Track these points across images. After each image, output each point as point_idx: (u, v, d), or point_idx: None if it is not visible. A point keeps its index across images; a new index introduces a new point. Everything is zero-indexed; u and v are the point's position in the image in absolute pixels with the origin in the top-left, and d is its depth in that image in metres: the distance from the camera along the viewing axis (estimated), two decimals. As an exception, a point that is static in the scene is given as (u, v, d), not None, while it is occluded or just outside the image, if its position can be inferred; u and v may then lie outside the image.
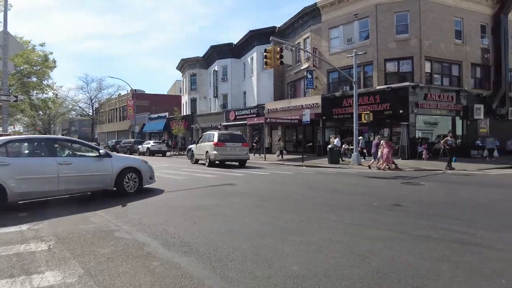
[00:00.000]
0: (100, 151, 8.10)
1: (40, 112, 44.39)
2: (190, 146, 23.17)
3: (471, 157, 20.41)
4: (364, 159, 19.20)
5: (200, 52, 44.03)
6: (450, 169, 14.40)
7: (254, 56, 32.25)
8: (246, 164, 17.57)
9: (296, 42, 27.21)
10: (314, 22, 26.36)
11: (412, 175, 12.68)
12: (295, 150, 27.06)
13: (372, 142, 18.82)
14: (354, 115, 18.59)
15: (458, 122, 22.69)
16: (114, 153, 10.86)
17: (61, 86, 79.80)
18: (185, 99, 43.67)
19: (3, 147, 6.64)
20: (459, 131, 22.09)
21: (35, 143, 7.71)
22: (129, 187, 8.29)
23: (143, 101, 51.58)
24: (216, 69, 36.73)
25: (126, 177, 8.27)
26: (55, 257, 3.88)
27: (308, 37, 27.00)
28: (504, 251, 3.95)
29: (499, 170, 15.12)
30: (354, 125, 18.57)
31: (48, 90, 29.64)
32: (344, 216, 5.77)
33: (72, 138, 11.26)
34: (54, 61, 28.68)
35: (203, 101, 40.35)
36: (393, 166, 14.92)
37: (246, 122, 26.03)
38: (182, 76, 45.56)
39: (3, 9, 13.16)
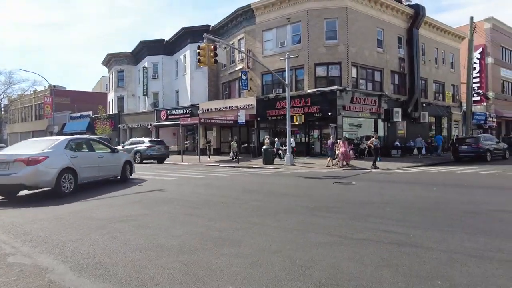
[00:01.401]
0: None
1: None
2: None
3: (392, 156, 22.30)
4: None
5: (129, 48, 41.03)
6: (375, 168, 15.38)
7: (187, 54, 31.18)
8: (179, 167, 16.76)
9: (231, 43, 26.91)
10: (248, 23, 26.36)
11: (342, 175, 13.19)
12: (230, 151, 26.74)
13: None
14: (287, 116, 18.91)
15: (380, 124, 24.59)
16: (119, 149, 13.64)
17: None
18: (111, 96, 40.52)
19: (70, 144, 9.04)
20: (381, 133, 23.92)
21: (82, 141, 10.10)
22: (128, 175, 11.46)
23: (64, 99, 46.70)
24: (146, 65, 34.73)
25: (127, 168, 11.36)
26: None
27: (242, 38, 26.91)
28: (435, 250, 4.04)
29: (415, 168, 16.64)
30: (287, 127, 18.87)
31: None
32: (282, 221, 5.53)
33: (98, 138, 14.76)
34: None
35: (131, 100, 37.84)
36: (346, 163, 16.06)
37: (179, 122, 24.90)
38: (108, 72, 42.23)
39: None
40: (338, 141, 16.83)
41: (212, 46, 15.23)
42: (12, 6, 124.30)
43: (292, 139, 19.85)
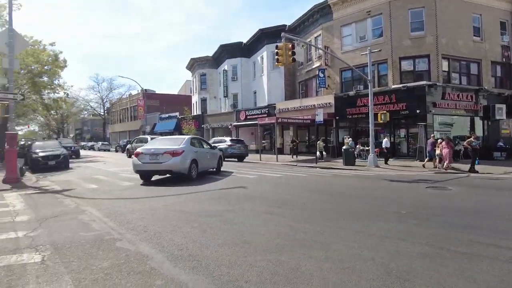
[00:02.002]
0: (212, 145, 14.70)
1: (52, 112, 44.65)
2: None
3: (494, 159, 19.50)
4: (387, 162, 18.02)
5: (209, 52, 43.67)
6: (474, 172, 13.61)
7: (264, 55, 31.72)
8: (258, 166, 17.19)
9: (307, 40, 26.54)
10: (325, 20, 25.68)
11: (434, 179, 11.96)
12: (308, 151, 26.42)
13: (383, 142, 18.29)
14: (369, 115, 17.89)
15: (478, 122, 21.73)
16: (215, 146, 15.96)
17: (71, 86, 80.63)
18: (195, 99, 43.40)
19: (192, 141, 11.80)
20: (479, 132, 21.11)
21: (196, 140, 12.85)
22: (220, 168, 13.96)
23: (154, 101, 51.55)
24: (225, 68, 36.32)
25: (220, 162, 14.04)
26: (47, 272, 3.43)
27: (320, 35, 26.33)
28: None
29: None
30: (370, 125, 17.86)
31: (59, 90, 29.59)
32: (371, 227, 5.18)
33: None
34: (65, 61, 28.60)
35: (213, 101, 40.00)
36: (449, 166, 14.67)
37: (257, 122, 25.50)
38: (192, 76, 45.30)
39: (9, 8, 12.87)
40: (439, 140, 15.61)
41: (290, 45, 15.16)
42: (107, 22, 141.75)
43: (385, 139, 18.64)
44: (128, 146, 28.78)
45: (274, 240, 4.47)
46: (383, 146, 18.39)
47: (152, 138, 26.10)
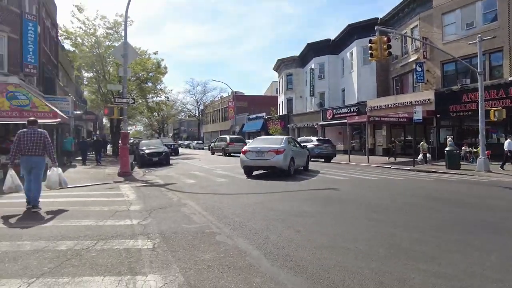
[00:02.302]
0: (302, 144, 15.81)
1: (155, 114, 50.04)
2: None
3: None
4: (503, 167, 15.03)
5: (295, 52, 43.52)
6: None
7: (353, 51, 30.34)
8: (347, 167, 16.52)
9: (402, 32, 24.44)
10: (423, 9, 23.28)
11: None
12: (404, 153, 24.36)
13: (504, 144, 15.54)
14: (479, 112, 15.60)
15: None
16: (305, 145, 16.50)
17: (171, 90, 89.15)
18: (281, 99, 43.91)
19: (289, 141, 13.08)
20: None
21: (291, 139, 13.88)
22: (307, 167, 14.55)
23: (242, 102, 53.81)
24: (312, 67, 35.83)
25: (307, 160, 14.66)
26: (159, 259, 3.75)
27: (416, 26, 24.02)
28: None
29: None
30: (479, 124, 15.58)
31: (161, 94, 33.07)
32: (493, 242, 4.43)
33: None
34: (166, 68, 31.76)
35: (299, 101, 39.90)
36: None
37: (345, 121, 24.49)
38: (278, 77, 45.95)
39: (124, 25, 14.81)
40: None
41: (385, 38, 14.13)
42: (198, 30, 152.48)
43: (509, 140, 15.48)
44: (212, 144, 32.18)
45: (376, 247, 4.15)
46: (506, 149, 15.24)
47: (231, 138, 28.41)
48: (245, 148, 12.50)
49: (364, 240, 4.45)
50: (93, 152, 22.03)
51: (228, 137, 30.03)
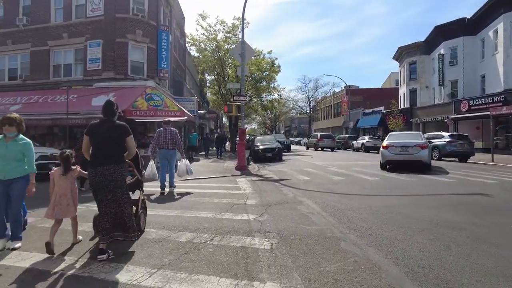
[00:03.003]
0: (429, 140, 15.16)
1: (268, 112, 51.66)
2: None
3: None
4: None
5: (415, 39, 37.86)
6: None
7: (499, 28, 24.93)
8: (492, 168, 13.53)
9: None
10: None
11: None
12: None
13: None
14: None
15: None
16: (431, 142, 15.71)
17: (283, 88, 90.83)
18: (402, 90, 39.65)
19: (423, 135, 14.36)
20: None
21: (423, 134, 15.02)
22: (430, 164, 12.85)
23: (357, 97, 50.84)
24: (441, 52, 31.06)
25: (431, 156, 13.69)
26: (277, 263, 3.33)
27: None
28: None
29: None
30: None
31: (274, 92, 33.73)
32: None
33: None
34: (279, 66, 32.23)
35: (424, 92, 35.24)
36: None
37: (486, 113, 20.28)
38: (399, 66, 41.61)
39: (241, 26, 15.31)
40: None
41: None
42: (310, 27, 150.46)
43: None
44: (306, 141, 34.90)
45: None
46: None
47: (321, 135, 29.13)
48: (387, 143, 12.86)
49: (558, 270, 3.14)
50: (215, 148, 24.25)
51: (318, 134, 35.46)
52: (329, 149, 31.42)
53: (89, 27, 17.04)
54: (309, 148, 33.88)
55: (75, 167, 4.04)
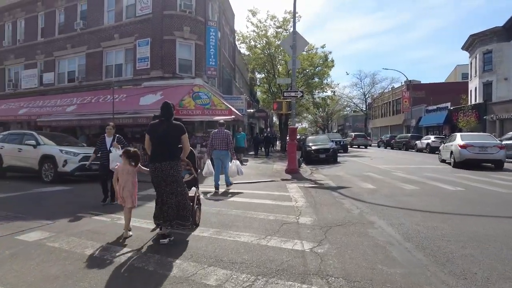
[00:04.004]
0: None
1: (320, 110, 49.48)
2: None
3: None
4: None
5: (485, 28, 32.60)
6: None
7: None
8: None
9: None
10: None
11: None
12: None
13: None
14: None
15: None
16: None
17: (337, 84, 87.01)
18: (473, 84, 35.14)
19: None
20: None
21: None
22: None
23: (419, 92, 46.46)
24: (527, 38, 26.72)
25: None
26: None
27: None
28: None
29: None
30: None
31: (327, 89, 31.72)
32: None
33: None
34: (333, 61, 30.19)
35: (503, 85, 30.71)
36: None
37: None
38: (469, 57, 37.02)
39: (293, 17, 13.95)
40: None
41: None
42: (363, 21, 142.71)
43: None
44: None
45: None
46: None
47: (355, 135, 27.66)
48: (464, 143, 13.18)
49: None
50: (263, 148, 23.64)
51: (353, 134, 40.79)
52: (363, 146, 37.03)
53: (138, 26, 16.91)
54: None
55: (135, 163, 4.49)
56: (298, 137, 33.91)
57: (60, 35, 19.73)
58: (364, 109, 60.05)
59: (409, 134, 34.94)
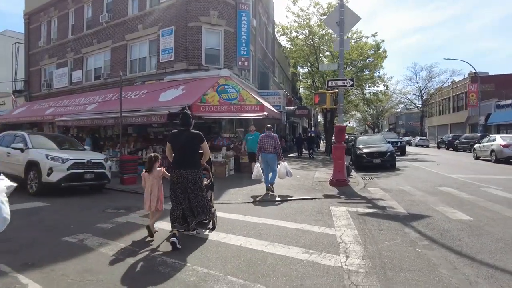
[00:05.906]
0: None
1: (371, 106, 45.15)
2: None
3: None
4: None
5: None
6: None
7: None
8: None
9: None
10: None
11: None
12: None
13: None
14: None
15: None
16: None
17: (391, 77, 79.95)
18: None
19: None
20: None
21: None
22: None
23: (486, 85, 40.35)
24: None
25: None
26: None
27: None
28: None
29: None
30: None
31: (379, 83, 27.86)
32: None
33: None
34: (385, 51, 26.35)
35: None
36: None
37: None
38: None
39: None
40: None
41: None
42: (414, 14, 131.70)
43: None
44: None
45: None
46: None
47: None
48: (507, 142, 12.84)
49: None
50: (307, 148, 22.19)
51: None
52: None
53: (162, 13, 15.04)
54: None
55: (160, 168, 4.87)
56: (346, 137, 30.54)
57: (88, 30, 18.68)
58: (420, 106, 54.06)
59: (479, 134, 29.81)
